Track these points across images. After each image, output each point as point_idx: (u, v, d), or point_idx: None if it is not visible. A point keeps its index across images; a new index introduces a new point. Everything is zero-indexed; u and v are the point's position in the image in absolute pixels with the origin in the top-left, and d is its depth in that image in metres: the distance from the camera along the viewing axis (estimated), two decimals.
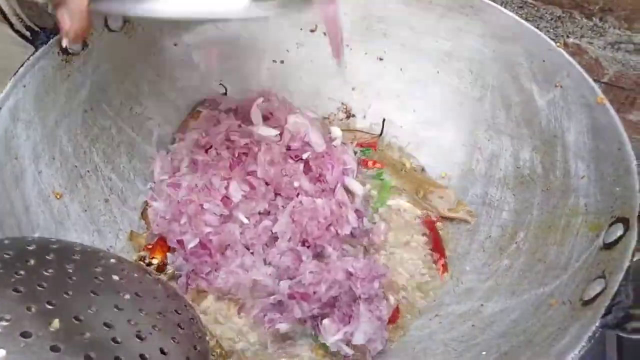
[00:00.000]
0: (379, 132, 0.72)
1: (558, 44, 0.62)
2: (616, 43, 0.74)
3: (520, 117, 0.64)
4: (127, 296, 0.41)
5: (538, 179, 0.60)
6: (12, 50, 0.63)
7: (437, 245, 0.61)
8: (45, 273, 0.39)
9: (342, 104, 0.76)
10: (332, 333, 0.49)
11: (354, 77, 0.75)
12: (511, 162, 0.63)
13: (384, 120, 0.73)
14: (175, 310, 0.44)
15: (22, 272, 0.38)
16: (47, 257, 0.40)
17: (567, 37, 0.76)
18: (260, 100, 0.68)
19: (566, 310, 0.43)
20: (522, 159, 0.62)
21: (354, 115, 0.76)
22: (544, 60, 0.62)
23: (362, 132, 0.73)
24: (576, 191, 0.54)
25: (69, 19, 0.40)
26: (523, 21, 0.64)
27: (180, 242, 0.56)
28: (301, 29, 0.74)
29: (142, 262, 0.55)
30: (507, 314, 0.49)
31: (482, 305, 0.53)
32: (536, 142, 0.62)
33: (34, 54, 0.55)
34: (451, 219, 0.64)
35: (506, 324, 0.48)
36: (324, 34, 0.74)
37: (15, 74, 0.53)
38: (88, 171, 0.58)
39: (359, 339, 0.48)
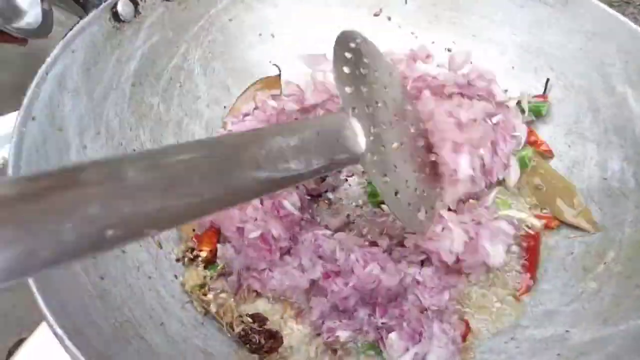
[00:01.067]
0: None
1: None
2: None
3: (609, 123, 0.57)
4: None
5: (631, 193, 0.53)
6: None
7: (532, 261, 0.53)
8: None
9: None
10: (399, 351, 0.44)
11: None
12: (597, 173, 0.57)
13: None
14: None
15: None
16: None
17: None
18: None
19: None
20: (611, 170, 0.56)
21: None
22: None
23: None
24: None
25: None
26: (619, 15, 0.57)
27: (240, 230, 0.50)
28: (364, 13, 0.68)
29: (188, 254, 0.49)
30: (602, 345, 0.43)
31: (567, 331, 0.47)
32: (628, 151, 0.55)
33: (83, 17, 0.51)
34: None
35: (601, 356, 0.42)
36: (388, 18, 0.69)
37: (63, 37, 0.49)
38: (134, 150, 0.53)
39: None
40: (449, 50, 0.68)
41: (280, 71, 0.66)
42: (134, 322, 0.42)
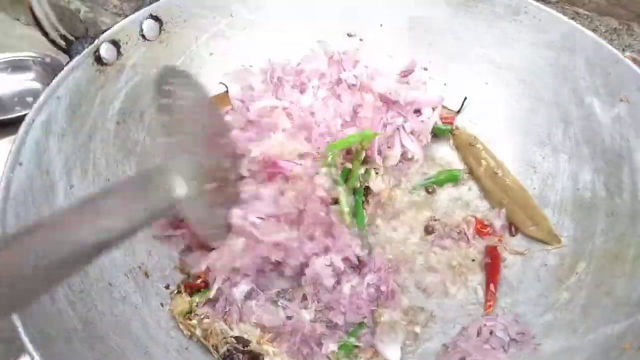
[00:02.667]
0: None
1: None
2: None
3: (579, 135, 0.59)
4: None
5: (601, 202, 0.54)
6: None
7: (493, 273, 0.55)
8: None
9: None
10: None
11: None
12: (569, 184, 0.58)
13: None
14: None
15: None
16: None
17: (624, 50, 0.70)
18: None
19: None
20: (582, 181, 0.57)
21: None
22: (609, 73, 0.57)
23: None
24: None
25: None
26: (585, 29, 0.59)
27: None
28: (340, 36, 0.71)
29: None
30: (570, 354, 0.44)
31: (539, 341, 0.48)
32: (598, 162, 0.56)
33: (67, 64, 0.54)
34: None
35: None
36: (360, 40, 0.71)
37: (48, 85, 0.52)
38: None
39: None
40: (425, 69, 0.70)
41: (227, 88, 0.68)
42: (119, 352, 0.44)
